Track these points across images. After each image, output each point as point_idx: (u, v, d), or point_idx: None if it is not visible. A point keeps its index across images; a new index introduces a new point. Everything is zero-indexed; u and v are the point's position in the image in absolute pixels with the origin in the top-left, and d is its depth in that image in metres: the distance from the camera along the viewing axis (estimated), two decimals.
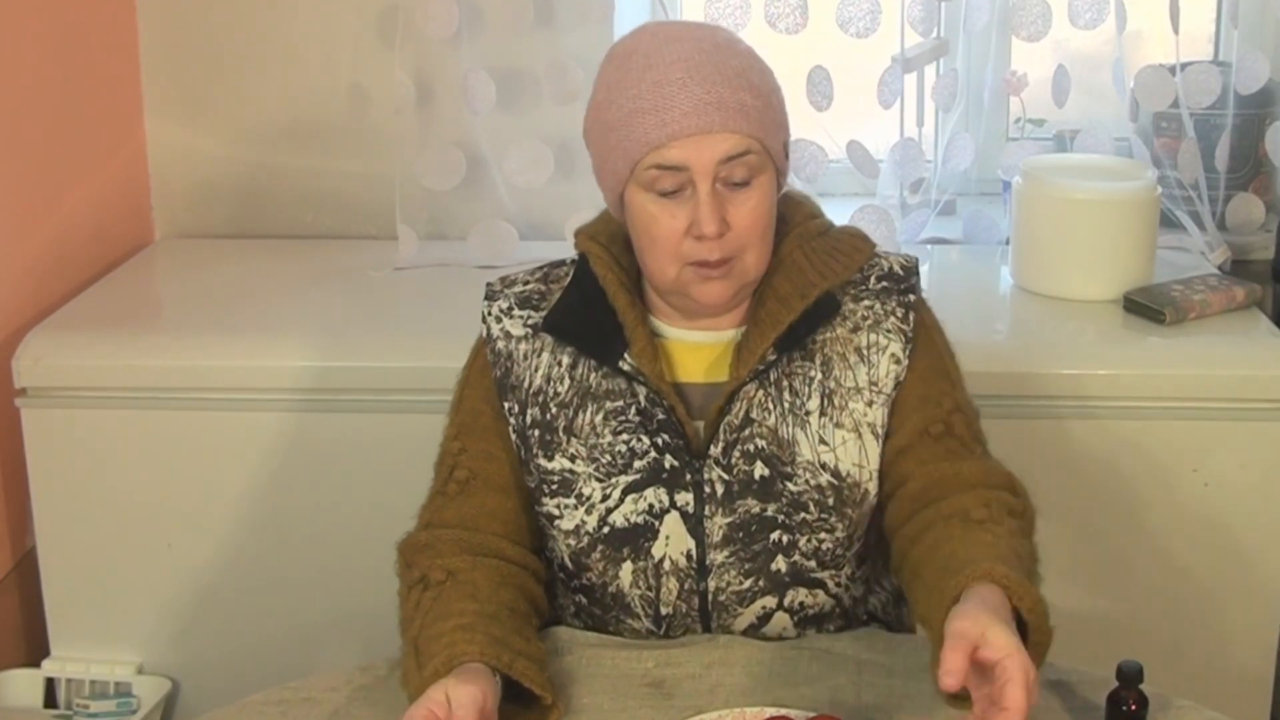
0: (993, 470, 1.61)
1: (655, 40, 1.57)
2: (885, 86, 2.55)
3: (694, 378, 1.65)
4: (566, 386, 1.65)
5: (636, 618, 1.66)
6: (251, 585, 2.38)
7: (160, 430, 2.33)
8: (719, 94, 1.53)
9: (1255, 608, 2.31)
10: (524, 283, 1.71)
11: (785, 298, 1.61)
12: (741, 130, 1.54)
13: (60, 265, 2.53)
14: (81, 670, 2.41)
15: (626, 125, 1.55)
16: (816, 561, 1.63)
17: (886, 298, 1.65)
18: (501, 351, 1.68)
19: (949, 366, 1.67)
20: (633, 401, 1.62)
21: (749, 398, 1.61)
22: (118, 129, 2.73)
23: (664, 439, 1.61)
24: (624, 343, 1.62)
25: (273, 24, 2.72)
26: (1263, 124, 2.63)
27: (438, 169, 2.60)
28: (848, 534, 1.64)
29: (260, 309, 2.46)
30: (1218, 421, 2.25)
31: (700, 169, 1.54)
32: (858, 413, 1.62)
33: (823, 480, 1.61)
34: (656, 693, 1.56)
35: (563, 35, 2.59)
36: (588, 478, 1.63)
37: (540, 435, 1.65)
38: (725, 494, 1.61)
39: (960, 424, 1.62)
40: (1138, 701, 1.44)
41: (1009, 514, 1.55)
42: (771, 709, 1.50)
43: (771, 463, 1.61)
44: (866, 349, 1.63)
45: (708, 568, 1.62)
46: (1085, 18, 2.54)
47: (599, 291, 1.64)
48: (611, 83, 1.58)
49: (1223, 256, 2.57)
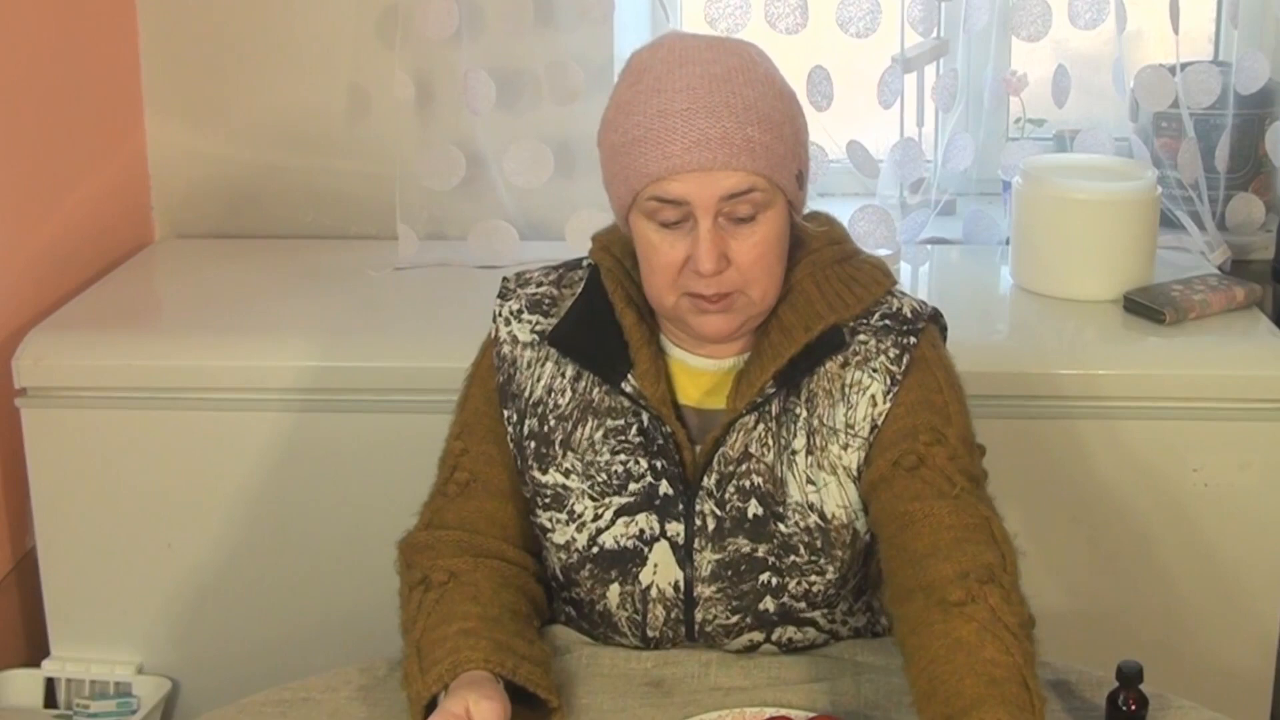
0: (965, 512, 1.50)
1: (668, 61, 1.51)
2: (885, 86, 2.55)
3: (690, 400, 1.61)
4: (568, 399, 1.62)
5: (624, 635, 1.65)
6: (251, 585, 2.38)
7: (160, 430, 2.33)
8: (724, 129, 1.47)
9: (1255, 608, 2.31)
10: (537, 284, 1.68)
11: (789, 329, 1.56)
12: (745, 168, 1.48)
13: (60, 265, 2.53)
14: (81, 670, 2.41)
15: (629, 153, 1.50)
16: (807, 603, 1.60)
17: (884, 336, 1.58)
18: (506, 356, 1.65)
19: (946, 401, 1.58)
20: (634, 422, 1.59)
21: (747, 429, 1.57)
22: (118, 129, 2.73)
23: (661, 464, 1.58)
24: (628, 362, 1.58)
25: (273, 24, 2.72)
26: (1263, 124, 2.63)
27: (438, 169, 2.60)
28: (839, 574, 1.60)
29: (260, 309, 2.45)
30: (1218, 421, 2.25)
31: (701, 205, 1.48)
32: (834, 454, 1.57)
33: (810, 522, 1.57)
34: (656, 692, 1.56)
35: (563, 35, 2.59)
36: (581, 494, 1.61)
37: (536, 447, 1.63)
38: (716, 529, 1.58)
39: (940, 457, 1.53)
40: (1138, 701, 1.44)
41: (988, 581, 1.44)
42: (771, 709, 1.50)
43: (766, 501, 1.57)
44: (848, 387, 1.57)
45: (695, 599, 1.60)
46: (1085, 18, 2.54)
47: (608, 305, 1.61)
48: (621, 101, 1.53)
49: (1223, 256, 2.57)
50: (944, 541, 1.48)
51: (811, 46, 2.51)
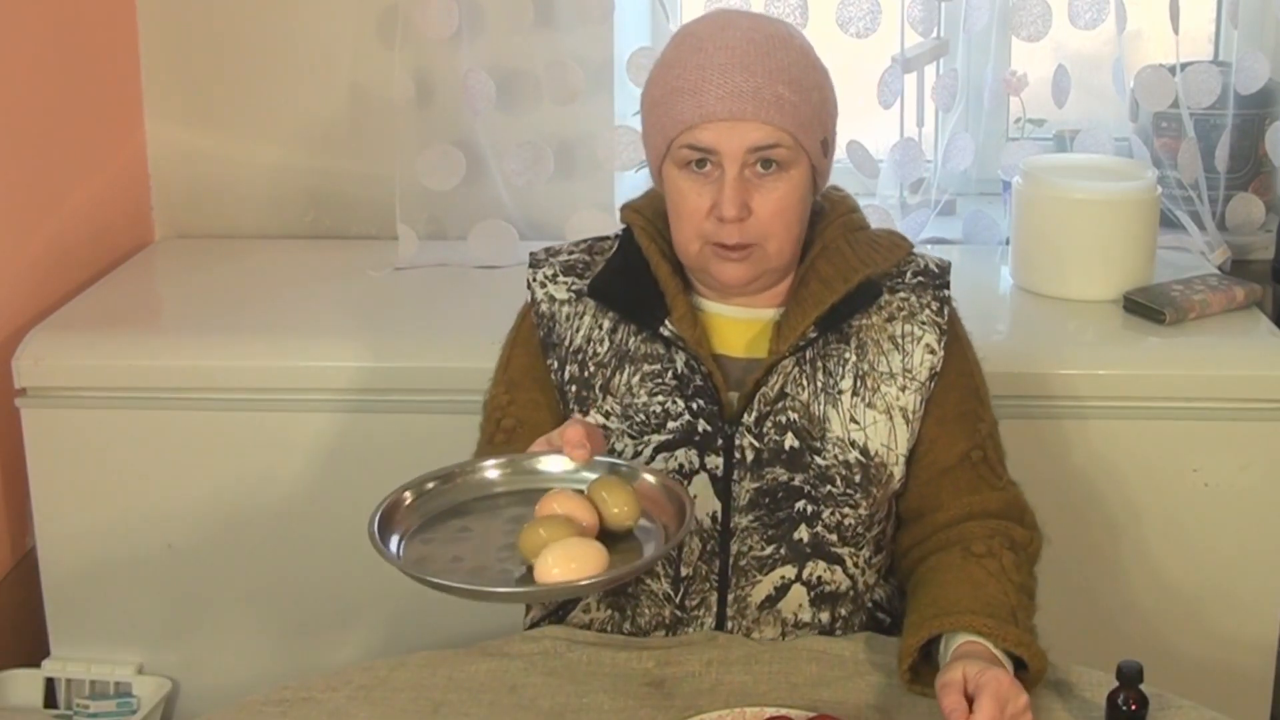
0: (1011, 503, 1.71)
1: (713, 25, 1.63)
2: (885, 86, 2.55)
3: (733, 351, 1.70)
4: (606, 348, 1.70)
5: (656, 578, 1.68)
6: (251, 585, 2.38)
7: (160, 430, 2.33)
8: (756, 84, 1.58)
9: (1255, 608, 2.31)
10: (569, 253, 1.77)
11: (828, 280, 1.66)
12: (774, 122, 1.58)
13: (60, 265, 2.53)
14: (81, 670, 2.41)
15: (667, 103, 1.61)
16: (838, 536, 1.67)
17: (922, 291, 1.70)
18: (545, 313, 1.73)
19: (979, 383, 1.75)
20: (670, 366, 1.67)
21: (785, 372, 1.66)
22: (118, 129, 2.73)
23: (699, 404, 1.66)
24: (665, 310, 1.67)
25: (273, 24, 2.72)
26: (1263, 124, 2.63)
27: (438, 169, 2.60)
28: (869, 513, 1.69)
29: (260, 309, 2.46)
30: (1218, 421, 2.25)
31: (729, 154, 1.59)
32: (890, 396, 1.67)
33: (851, 457, 1.66)
34: (656, 692, 1.56)
35: (563, 35, 2.59)
36: (620, 434, 1.67)
37: (577, 391, 1.70)
38: (755, 460, 1.65)
39: (992, 450, 1.72)
40: (1138, 701, 1.44)
41: (1009, 547, 1.65)
42: (771, 709, 1.50)
43: (801, 435, 1.66)
44: (901, 338, 1.68)
45: (731, 530, 1.66)
46: (1085, 18, 2.54)
47: (643, 262, 1.70)
48: (666, 60, 1.65)
49: (1223, 256, 2.57)
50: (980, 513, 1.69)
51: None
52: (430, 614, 2.15)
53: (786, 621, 1.68)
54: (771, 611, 1.67)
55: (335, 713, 1.55)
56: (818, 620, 1.69)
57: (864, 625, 1.72)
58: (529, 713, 1.53)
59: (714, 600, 1.67)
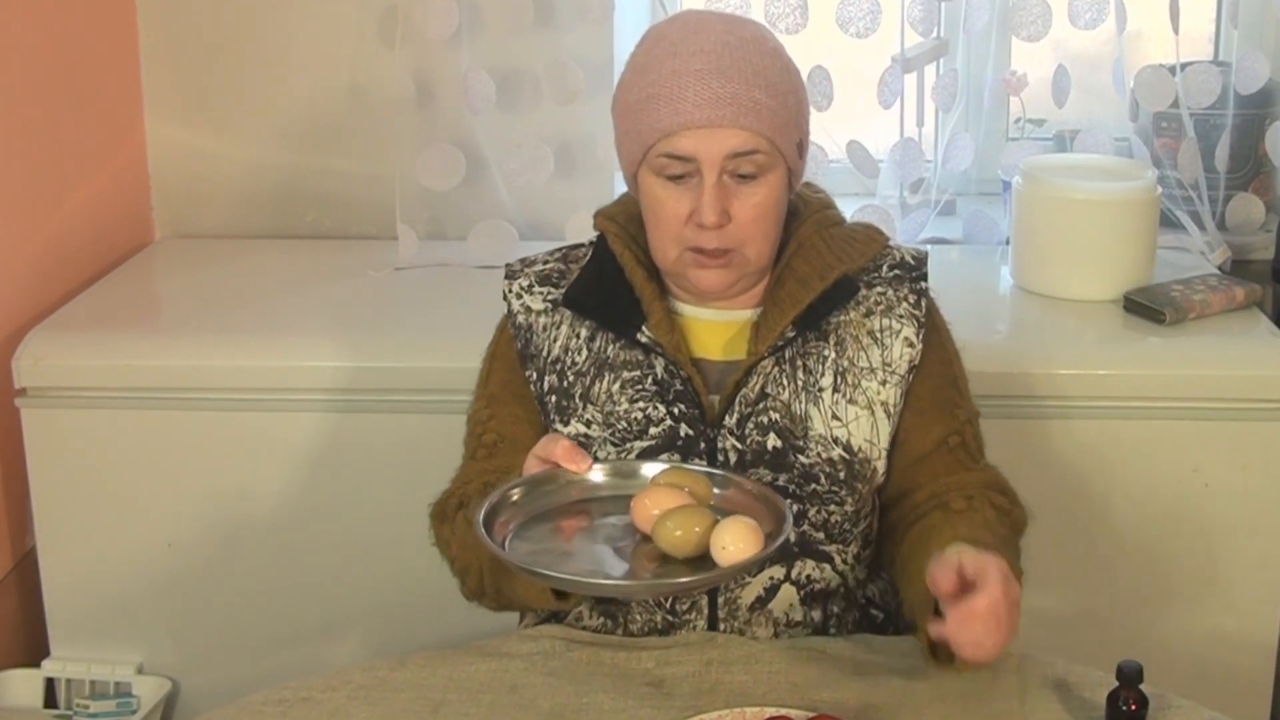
0: (991, 481, 1.70)
1: (685, 28, 1.62)
2: (885, 86, 2.55)
3: (711, 354, 1.69)
4: (584, 357, 1.69)
5: None
6: (251, 585, 2.38)
7: (160, 430, 2.33)
8: (733, 90, 1.57)
9: (1255, 608, 2.31)
10: (543, 262, 1.76)
11: (805, 279, 1.66)
12: (751, 127, 1.58)
13: (60, 265, 2.53)
14: (81, 670, 2.41)
15: (642, 110, 1.60)
16: (825, 534, 1.67)
17: (899, 285, 1.70)
18: (522, 325, 1.73)
19: (957, 373, 1.74)
20: (649, 372, 1.67)
21: (765, 373, 1.66)
22: (118, 129, 2.73)
23: (680, 408, 1.66)
24: (641, 316, 1.67)
25: (273, 24, 2.71)
26: (1263, 124, 2.63)
27: (438, 169, 2.60)
28: (855, 509, 1.68)
29: (260, 309, 2.45)
30: (1218, 421, 2.25)
31: (708, 160, 1.58)
32: (870, 391, 1.67)
33: (834, 454, 1.66)
34: (656, 692, 1.56)
35: (563, 35, 2.59)
36: (603, 442, 1.67)
37: (557, 401, 1.69)
38: (738, 462, 1.65)
39: (970, 435, 1.71)
40: (1138, 701, 1.44)
41: (990, 506, 1.65)
42: (771, 709, 1.50)
43: (784, 435, 1.65)
44: (879, 332, 1.68)
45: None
46: (1085, 18, 2.54)
47: (617, 269, 1.70)
48: (638, 65, 1.64)
49: (1223, 256, 2.57)
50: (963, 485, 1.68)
51: (811, 46, 2.51)
52: (430, 614, 2.15)
53: (778, 621, 1.68)
54: (763, 612, 1.67)
55: (335, 713, 1.55)
56: (810, 619, 1.69)
57: (857, 622, 1.72)
58: (529, 713, 1.53)
59: (704, 603, 1.67)
